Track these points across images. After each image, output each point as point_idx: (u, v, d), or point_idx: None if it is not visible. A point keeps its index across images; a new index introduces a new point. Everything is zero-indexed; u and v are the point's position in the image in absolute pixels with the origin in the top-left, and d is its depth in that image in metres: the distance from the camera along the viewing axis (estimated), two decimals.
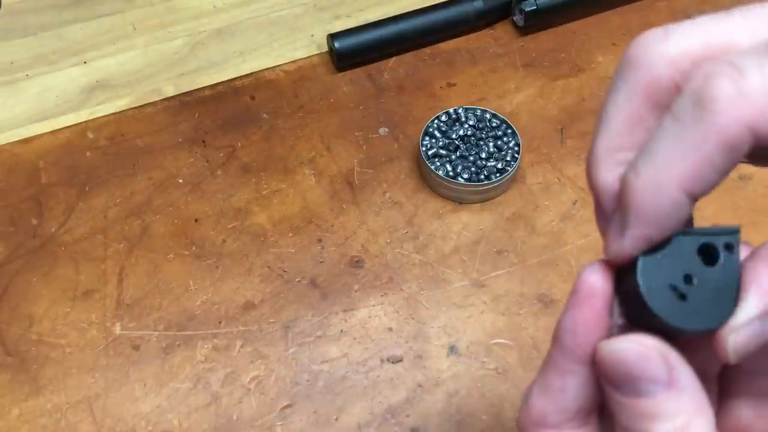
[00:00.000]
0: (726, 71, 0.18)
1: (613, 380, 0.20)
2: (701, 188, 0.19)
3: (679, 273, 0.21)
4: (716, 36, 0.20)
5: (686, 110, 0.19)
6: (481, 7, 0.60)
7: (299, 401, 0.43)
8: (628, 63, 0.21)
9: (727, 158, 0.19)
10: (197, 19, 0.62)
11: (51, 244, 0.49)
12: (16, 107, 0.56)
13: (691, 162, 0.19)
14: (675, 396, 0.19)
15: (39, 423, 0.42)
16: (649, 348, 0.20)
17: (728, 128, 0.18)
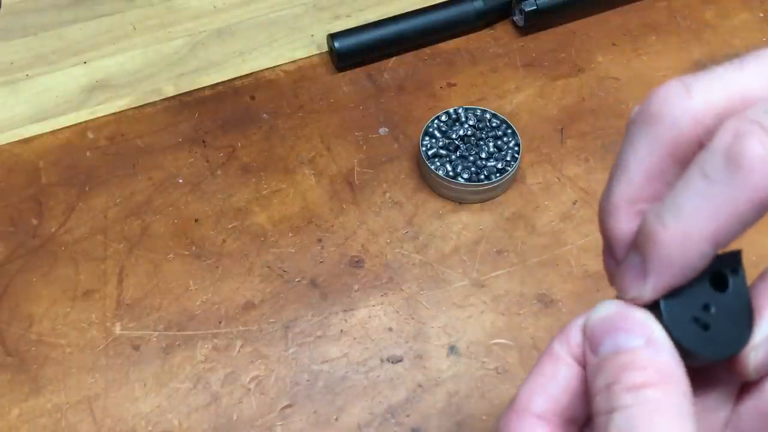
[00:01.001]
0: (755, 132, 0.19)
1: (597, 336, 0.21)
2: (728, 240, 0.20)
3: (698, 304, 0.22)
4: (736, 89, 0.21)
5: (717, 168, 0.20)
6: (481, 7, 0.60)
7: (299, 401, 0.43)
8: (650, 117, 0.21)
9: (755, 215, 0.20)
10: (197, 19, 0.62)
11: (51, 244, 0.49)
12: (16, 107, 0.56)
13: (723, 217, 0.20)
14: (652, 352, 0.20)
15: (39, 423, 0.42)
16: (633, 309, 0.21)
17: (760, 189, 0.19)
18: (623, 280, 0.22)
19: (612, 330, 0.21)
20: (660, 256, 0.21)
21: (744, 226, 0.20)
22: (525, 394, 0.23)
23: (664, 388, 0.20)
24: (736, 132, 0.19)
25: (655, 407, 0.19)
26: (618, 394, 0.20)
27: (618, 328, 0.21)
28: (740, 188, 0.19)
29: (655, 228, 0.21)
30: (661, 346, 0.21)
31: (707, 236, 0.20)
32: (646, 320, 0.21)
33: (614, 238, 0.23)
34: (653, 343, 0.21)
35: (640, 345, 0.20)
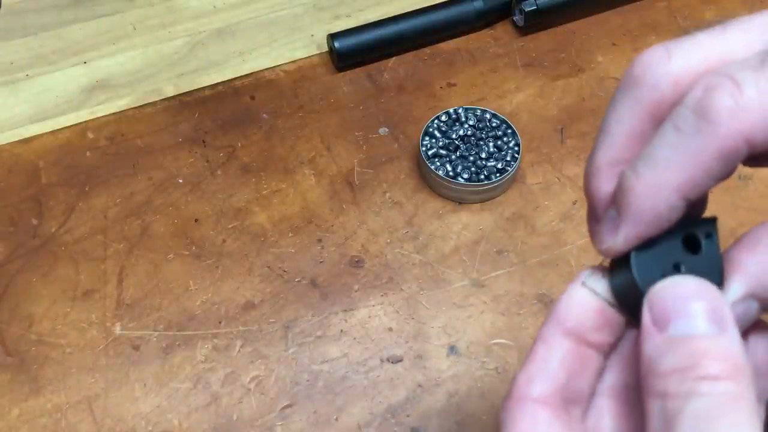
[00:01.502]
0: (725, 85, 0.20)
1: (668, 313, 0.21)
2: (697, 192, 0.21)
3: (668, 263, 0.22)
4: (715, 53, 0.21)
5: (687, 120, 0.20)
6: (481, 7, 0.60)
7: (299, 401, 0.43)
8: (632, 81, 0.22)
9: (724, 166, 0.20)
10: (197, 19, 0.62)
11: (51, 244, 0.49)
12: (16, 107, 0.56)
13: (690, 168, 0.20)
14: (728, 342, 0.20)
15: (39, 423, 0.42)
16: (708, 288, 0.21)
17: (727, 139, 0.19)
18: (600, 233, 0.23)
19: (686, 310, 0.21)
20: (631, 205, 0.21)
21: (712, 178, 0.20)
22: (522, 380, 0.23)
23: (740, 382, 0.19)
24: (707, 86, 0.20)
25: (732, 400, 0.19)
26: (695, 380, 0.19)
27: (693, 310, 0.20)
28: (708, 139, 0.20)
29: (629, 179, 0.21)
30: (736, 338, 0.20)
31: (676, 186, 0.20)
32: (720, 303, 0.21)
33: (596, 199, 0.23)
34: (728, 333, 0.20)
35: (716, 333, 0.20)
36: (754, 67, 0.20)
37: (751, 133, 0.19)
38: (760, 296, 0.21)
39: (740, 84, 0.20)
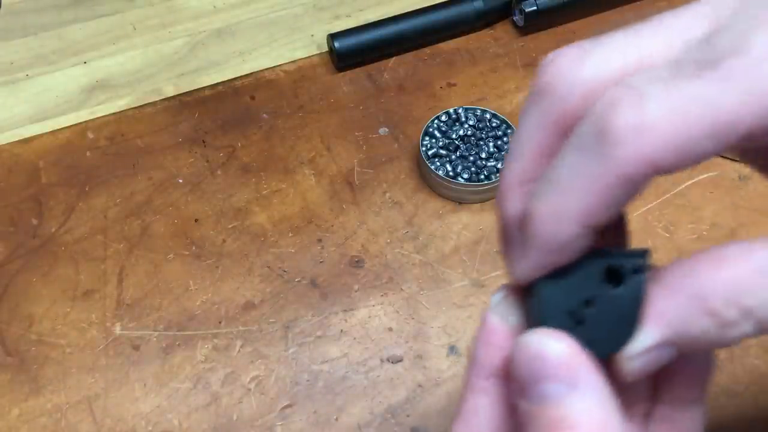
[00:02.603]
0: (628, 99, 0.17)
1: (523, 380, 0.20)
2: (600, 220, 0.19)
3: (580, 296, 0.21)
4: (632, 55, 0.19)
5: (587, 140, 0.18)
6: (481, 7, 0.60)
7: (299, 401, 0.43)
8: (541, 90, 0.20)
9: (629, 191, 0.18)
10: (197, 19, 0.62)
11: (51, 244, 0.49)
12: (16, 107, 0.56)
13: (591, 195, 0.18)
14: (580, 401, 0.19)
15: (39, 423, 0.42)
16: (558, 341, 0.19)
17: (628, 163, 0.17)
18: (509, 260, 0.21)
19: (535, 374, 0.19)
20: (533, 233, 0.19)
21: (617, 205, 0.18)
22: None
23: None
24: (610, 100, 0.17)
25: None
26: None
27: (541, 373, 0.19)
28: (608, 163, 0.17)
29: (532, 204, 0.19)
30: (589, 390, 0.19)
31: (577, 214, 0.18)
32: (570, 359, 0.19)
33: (506, 219, 0.21)
34: (580, 388, 0.19)
35: (564, 392, 0.19)
36: (663, 79, 0.17)
37: (656, 157, 0.17)
38: (677, 343, 0.19)
39: (645, 98, 0.17)
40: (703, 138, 0.17)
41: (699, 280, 0.18)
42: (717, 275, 0.18)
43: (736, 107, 0.17)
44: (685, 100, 0.17)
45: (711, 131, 0.17)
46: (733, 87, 0.17)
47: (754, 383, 0.43)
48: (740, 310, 0.18)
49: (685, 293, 0.19)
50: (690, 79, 0.17)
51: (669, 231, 0.49)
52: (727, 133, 0.17)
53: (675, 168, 0.17)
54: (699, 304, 0.18)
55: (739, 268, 0.18)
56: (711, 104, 0.17)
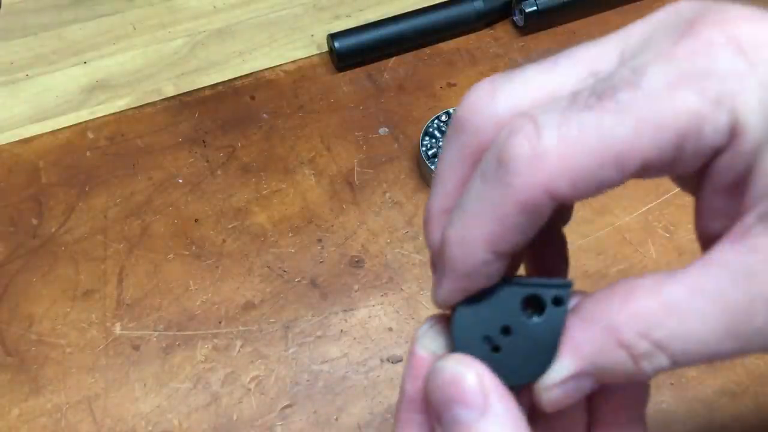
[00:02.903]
0: (524, 129, 0.18)
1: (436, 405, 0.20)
2: (507, 248, 0.19)
3: (497, 324, 0.21)
4: (544, 88, 0.20)
5: (489, 170, 0.19)
6: (481, 7, 0.60)
7: (299, 401, 0.43)
8: (457, 125, 0.21)
9: (528, 219, 0.18)
10: (197, 19, 0.62)
11: (51, 244, 0.49)
12: (16, 107, 0.56)
13: (493, 223, 0.19)
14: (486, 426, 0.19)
15: (39, 423, 0.42)
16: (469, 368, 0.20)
17: (524, 191, 0.18)
18: (432, 286, 0.22)
19: (448, 399, 0.20)
20: (445, 259, 0.20)
21: (521, 233, 0.19)
22: None
23: None
24: (511, 129, 0.18)
25: None
26: None
27: (453, 398, 0.19)
28: (506, 191, 0.18)
29: (445, 231, 0.20)
30: (498, 416, 0.19)
31: (483, 241, 0.19)
32: (480, 384, 0.19)
33: (430, 247, 0.22)
34: (490, 414, 0.19)
35: (475, 418, 0.19)
36: (561, 109, 0.18)
37: (552, 185, 0.18)
38: (594, 375, 0.19)
39: (540, 128, 0.18)
40: (599, 167, 0.17)
41: (611, 313, 0.19)
42: (628, 308, 0.18)
43: (630, 138, 0.17)
44: (578, 130, 0.17)
45: (605, 160, 0.17)
46: (625, 118, 0.17)
47: (755, 383, 0.43)
48: (651, 342, 0.18)
49: (599, 325, 0.19)
50: (585, 110, 0.18)
51: (669, 231, 0.49)
52: (623, 163, 0.18)
53: (578, 196, 0.18)
54: (612, 336, 0.18)
55: (649, 301, 0.18)
56: (604, 134, 0.17)
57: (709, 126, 0.17)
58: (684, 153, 0.18)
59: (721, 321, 0.18)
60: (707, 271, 0.18)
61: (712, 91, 0.17)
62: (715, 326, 0.18)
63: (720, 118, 0.17)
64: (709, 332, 0.18)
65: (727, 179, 0.19)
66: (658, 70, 0.18)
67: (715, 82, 0.17)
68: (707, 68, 0.18)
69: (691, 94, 0.17)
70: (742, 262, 0.18)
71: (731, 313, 0.18)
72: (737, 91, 0.17)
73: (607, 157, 0.17)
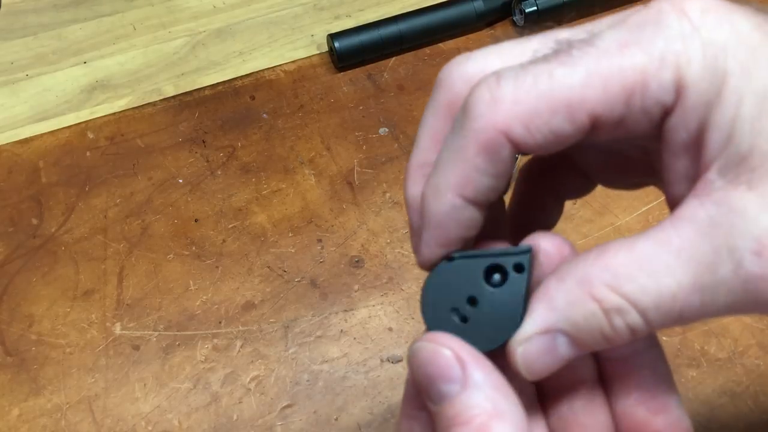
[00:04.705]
0: (488, 81, 0.19)
1: (424, 386, 0.20)
2: (474, 191, 0.20)
3: (463, 296, 0.22)
4: (513, 55, 0.21)
5: (458, 119, 0.20)
6: (481, 7, 0.60)
7: (299, 401, 0.43)
8: (435, 85, 0.22)
9: (488, 161, 0.20)
10: (197, 19, 0.62)
11: (51, 244, 0.49)
12: (16, 107, 0.56)
13: (457, 166, 0.20)
14: (472, 396, 0.19)
15: (39, 423, 0.42)
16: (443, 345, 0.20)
17: (482, 132, 0.19)
18: (413, 246, 0.23)
19: (429, 377, 0.20)
20: (424, 209, 0.21)
21: (485, 176, 0.20)
22: None
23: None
24: (477, 83, 0.20)
25: None
26: None
27: (433, 376, 0.20)
28: (468, 135, 0.19)
29: (424, 186, 0.21)
30: (479, 385, 0.19)
31: (450, 185, 0.20)
32: (456, 358, 0.20)
33: (407, 203, 0.23)
34: (470, 385, 0.20)
35: (456, 391, 0.20)
36: (520, 65, 0.20)
37: (507, 126, 0.19)
38: (568, 332, 0.20)
39: (501, 78, 0.19)
40: (550, 114, 0.19)
41: (584, 268, 0.20)
42: (600, 263, 0.19)
43: (579, 88, 0.19)
44: (533, 78, 0.19)
45: (556, 108, 0.19)
46: (576, 70, 0.19)
47: (754, 383, 0.43)
48: (621, 296, 0.19)
49: (572, 279, 0.20)
50: (541, 63, 0.19)
51: None
52: (573, 113, 0.19)
53: (531, 142, 0.19)
54: (583, 289, 0.19)
55: (620, 256, 0.19)
56: (555, 83, 0.19)
57: (654, 82, 0.19)
58: (632, 109, 0.19)
59: (688, 273, 0.18)
60: (674, 227, 0.19)
61: (658, 51, 0.19)
62: (682, 279, 0.18)
63: (665, 75, 0.19)
64: (677, 285, 0.18)
65: (681, 139, 0.19)
66: (612, 33, 0.19)
67: (661, 42, 0.19)
68: (655, 31, 0.19)
69: (638, 52, 0.19)
70: (706, 216, 0.18)
71: (697, 264, 0.18)
72: (681, 50, 0.19)
73: (558, 104, 0.19)
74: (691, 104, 0.19)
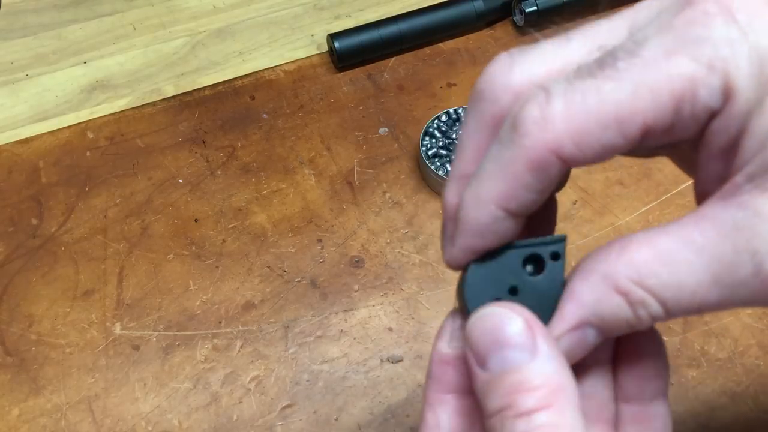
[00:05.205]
0: (537, 96, 0.20)
1: (482, 350, 0.21)
2: (517, 205, 0.20)
3: (505, 285, 0.22)
4: (557, 62, 0.21)
5: (504, 134, 0.20)
6: (481, 7, 0.60)
7: (299, 401, 0.43)
8: (476, 95, 0.22)
9: (537, 178, 0.20)
10: (197, 19, 0.62)
11: (51, 244, 0.49)
12: (16, 107, 0.56)
13: (505, 180, 0.20)
14: (540, 366, 0.20)
15: (39, 423, 0.42)
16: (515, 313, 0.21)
17: (533, 150, 0.19)
18: (443, 245, 0.23)
19: (496, 343, 0.20)
20: (461, 217, 0.21)
21: (530, 191, 0.20)
22: None
23: (556, 408, 0.19)
24: (526, 97, 0.20)
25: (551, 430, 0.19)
26: (512, 421, 0.19)
27: (502, 342, 0.20)
28: (517, 151, 0.20)
29: (463, 193, 0.21)
30: (547, 356, 0.20)
31: (494, 197, 0.20)
32: (528, 327, 0.20)
33: (445, 210, 0.23)
34: (540, 355, 0.20)
35: (526, 359, 0.20)
36: (567, 79, 0.20)
37: (557, 145, 0.19)
38: (596, 325, 0.21)
39: (550, 96, 0.19)
40: (602, 129, 0.19)
41: (609, 264, 0.20)
42: (624, 258, 0.20)
43: (629, 101, 0.19)
44: (581, 95, 0.19)
45: (607, 123, 0.19)
46: (624, 84, 0.19)
47: (755, 383, 0.43)
48: (645, 289, 0.20)
49: (598, 275, 0.20)
50: (588, 78, 0.19)
51: None
52: (624, 126, 0.19)
53: (585, 157, 0.19)
54: (609, 285, 0.20)
55: (643, 252, 0.20)
56: (604, 98, 0.19)
57: (704, 89, 0.19)
58: (681, 116, 0.19)
59: (709, 271, 0.19)
60: (697, 225, 0.19)
61: (706, 57, 0.19)
62: (702, 277, 0.19)
63: (713, 82, 0.19)
64: (697, 282, 0.19)
65: (721, 142, 0.20)
66: (657, 40, 0.19)
67: (709, 48, 0.19)
68: (702, 36, 0.19)
69: (686, 59, 0.19)
70: (730, 218, 0.19)
71: (718, 264, 0.19)
72: (729, 56, 0.19)
73: (609, 120, 0.19)
74: (737, 110, 0.19)
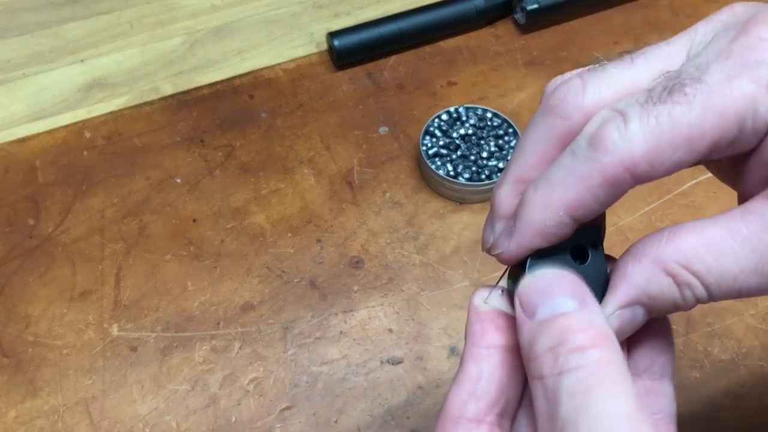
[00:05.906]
0: (615, 118, 0.22)
1: (534, 302, 0.23)
2: (583, 214, 0.23)
3: None
4: (624, 85, 0.24)
5: (581, 147, 0.22)
6: (482, 5, 0.60)
7: (298, 403, 0.42)
8: (549, 109, 0.24)
9: (608, 192, 0.22)
10: (195, 18, 0.62)
11: (48, 244, 0.49)
12: (13, 106, 0.56)
13: (578, 190, 0.22)
14: (588, 313, 0.22)
15: (36, 425, 0.41)
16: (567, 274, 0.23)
17: (611, 167, 0.22)
18: (497, 239, 0.25)
19: (548, 294, 0.22)
20: (525, 216, 0.23)
21: (598, 203, 0.22)
22: (456, 400, 0.23)
23: (606, 347, 0.21)
24: (602, 118, 0.22)
25: (603, 365, 0.20)
26: (565, 355, 0.21)
27: (554, 293, 0.22)
28: (594, 166, 0.22)
29: (529, 192, 0.23)
30: (595, 308, 0.22)
31: (564, 204, 0.23)
32: (579, 284, 0.23)
33: (498, 207, 0.25)
34: (588, 305, 0.22)
35: (577, 307, 0.22)
36: (641, 103, 0.22)
37: (633, 164, 0.21)
38: (645, 304, 0.23)
39: (627, 118, 0.22)
40: (673, 150, 0.21)
41: (659, 248, 0.23)
42: (673, 244, 0.23)
43: (697, 124, 0.21)
44: (656, 120, 0.22)
45: (679, 144, 0.21)
46: (693, 108, 0.21)
47: (758, 384, 0.42)
48: (692, 273, 0.22)
49: (647, 259, 0.23)
50: (659, 104, 0.22)
51: None
52: (693, 145, 0.21)
53: (652, 175, 0.22)
54: (659, 267, 0.23)
55: (691, 239, 0.22)
56: (676, 122, 0.21)
57: (763, 107, 0.21)
58: (744, 132, 0.22)
59: (751, 260, 0.22)
60: (743, 218, 0.22)
61: (764, 79, 0.21)
62: (745, 265, 0.22)
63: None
64: (739, 269, 0.22)
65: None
66: (718, 65, 0.22)
67: (765, 70, 0.21)
68: (758, 60, 0.21)
69: (746, 82, 0.21)
70: None
71: (761, 255, 0.21)
72: None
73: (680, 141, 0.21)
74: None
